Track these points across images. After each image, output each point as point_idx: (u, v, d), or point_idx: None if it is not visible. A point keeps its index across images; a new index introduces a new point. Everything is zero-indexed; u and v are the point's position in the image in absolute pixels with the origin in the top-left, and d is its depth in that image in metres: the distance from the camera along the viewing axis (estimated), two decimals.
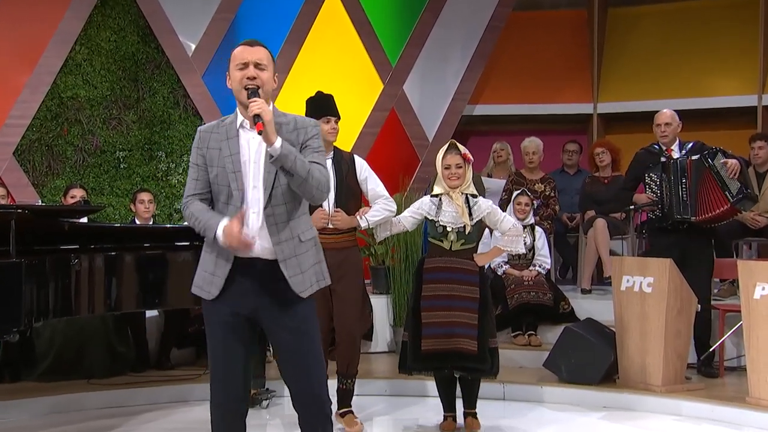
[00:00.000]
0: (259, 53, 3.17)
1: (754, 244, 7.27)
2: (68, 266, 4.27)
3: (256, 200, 3.16)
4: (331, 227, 4.70)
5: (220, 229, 3.10)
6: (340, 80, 7.94)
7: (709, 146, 5.76)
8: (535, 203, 6.83)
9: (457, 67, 8.76)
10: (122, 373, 5.96)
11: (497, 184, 7.69)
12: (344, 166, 4.77)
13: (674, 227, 5.74)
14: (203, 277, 3.24)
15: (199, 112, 7.86)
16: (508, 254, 6.52)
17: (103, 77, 7.66)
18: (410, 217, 4.82)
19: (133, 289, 4.62)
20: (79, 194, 6.35)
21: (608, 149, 7.55)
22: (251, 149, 3.18)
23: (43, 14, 7.47)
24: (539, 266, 6.58)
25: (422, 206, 4.79)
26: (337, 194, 4.70)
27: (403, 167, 8.13)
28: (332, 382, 3.93)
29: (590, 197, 7.48)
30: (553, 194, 7.45)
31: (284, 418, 5.36)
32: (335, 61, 8.24)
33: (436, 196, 4.74)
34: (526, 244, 5.75)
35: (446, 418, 4.91)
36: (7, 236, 4.07)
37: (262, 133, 3.00)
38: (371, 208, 4.78)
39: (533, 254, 6.60)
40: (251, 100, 3.06)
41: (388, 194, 4.83)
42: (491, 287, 5.17)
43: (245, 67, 3.14)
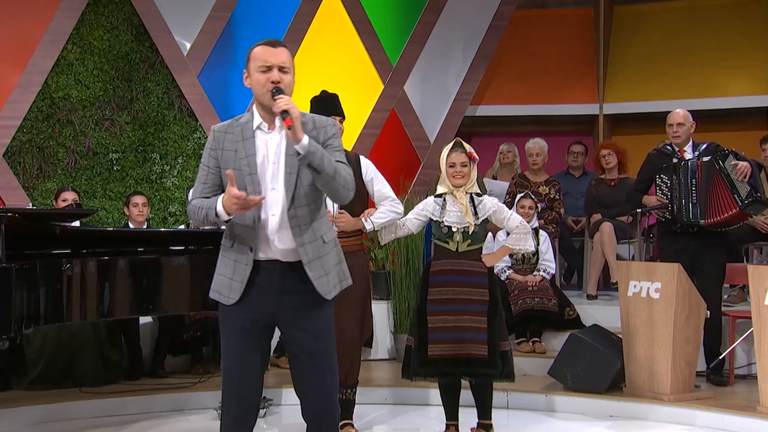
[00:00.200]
0: (281, 56, 3.18)
1: (765, 248, 7.26)
2: (59, 271, 4.26)
3: (274, 202, 3.18)
4: (335, 230, 4.68)
5: (219, 204, 3.11)
6: (339, 80, 7.94)
7: (723, 147, 5.75)
8: (539, 206, 6.83)
9: (459, 66, 8.75)
10: (115, 381, 5.95)
11: (501, 186, 7.68)
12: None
13: (684, 231, 5.74)
14: (221, 281, 3.25)
15: (194, 112, 7.85)
16: (511, 258, 6.54)
17: (95, 77, 7.66)
18: (415, 219, 4.81)
19: (126, 294, 4.61)
20: (71, 197, 6.34)
21: (614, 151, 7.54)
22: (269, 150, 3.20)
23: (34, 12, 7.47)
24: (543, 271, 6.57)
25: (426, 207, 4.78)
26: None
27: (403, 169, 8.13)
28: None
29: (596, 200, 7.48)
30: (557, 197, 7.45)
31: (282, 427, 5.35)
32: (334, 60, 8.24)
33: (439, 196, 4.74)
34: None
35: (449, 426, 4.89)
36: None
37: (291, 128, 3.01)
38: (377, 210, 4.76)
39: (537, 259, 6.60)
40: (278, 96, 3.08)
41: (394, 195, 4.80)
42: None
43: (268, 70, 3.16)
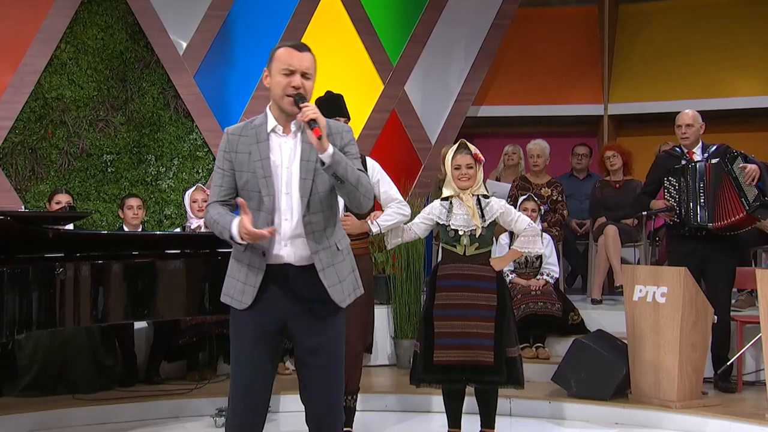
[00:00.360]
0: (306, 61, 3.19)
1: None
2: (53, 275, 4.26)
3: (288, 207, 3.20)
4: (347, 238, 4.66)
5: (234, 228, 3.14)
6: (338, 80, 7.92)
7: (733, 149, 5.74)
8: (542, 209, 6.82)
9: (461, 66, 8.76)
10: (109, 387, 5.94)
11: (504, 188, 7.67)
12: None
13: (693, 234, 5.73)
14: (233, 285, 3.26)
15: (190, 113, 7.85)
16: (514, 262, 6.54)
17: (89, 77, 7.66)
18: (421, 223, 4.82)
19: (120, 299, 4.60)
20: (64, 200, 6.33)
21: (619, 152, 7.53)
22: (283, 154, 3.21)
23: (26, 11, 7.47)
24: (547, 275, 6.56)
25: (432, 210, 4.79)
26: None
27: (404, 171, 8.13)
28: None
29: (601, 203, 7.47)
30: (560, 198, 7.44)
31: None
32: (333, 60, 8.23)
33: (446, 199, 4.75)
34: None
35: None
36: None
37: (321, 138, 3.03)
38: (383, 212, 4.75)
39: (541, 263, 6.59)
40: (304, 104, 3.09)
41: (401, 198, 4.79)
42: None
43: (291, 74, 3.16)
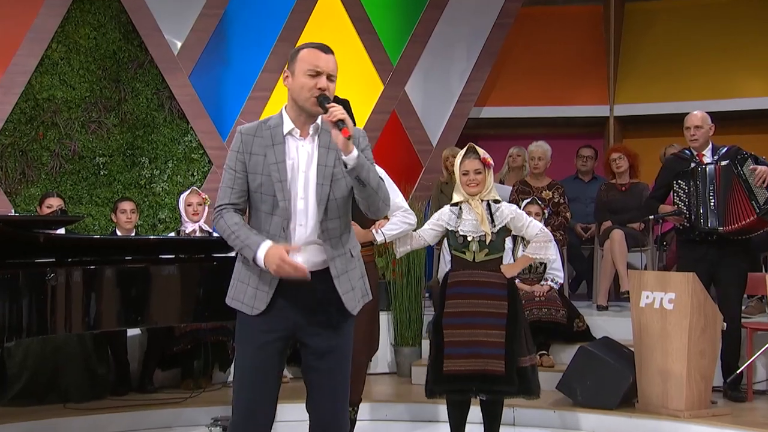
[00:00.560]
0: (332, 63, 3.25)
1: None
2: (43, 281, 4.24)
3: (302, 212, 3.20)
4: (359, 244, 4.66)
5: (262, 251, 3.10)
6: (337, 81, 7.91)
7: (743, 151, 5.73)
8: (546, 212, 6.81)
9: (462, 66, 8.76)
10: (101, 396, 5.93)
11: (506, 191, 7.66)
12: None
13: (703, 239, 5.73)
14: (243, 290, 3.23)
15: (185, 114, 7.86)
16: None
17: (81, 77, 7.66)
18: (430, 229, 4.83)
19: (113, 305, 4.58)
20: (55, 203, 6.33)
21: (625, 154, 7.53)
22: (300, 158, 3.21)
23: (16, 9, 7.48)
24: (551, 280, 6.55)
25: (442, 217, 4.80)
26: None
27: (404, 174, 8.13)
28: None
29: (606, 206, 7.46)
30: (562, 200, 7.42)
31: None
32: None
33: (456, 204, 4.76)
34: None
35: None
36: None
37: (350, 138, 3.04)
38: (388, 220, 4.75)
39: (545, 268, 6.59)
40: (330, 105, 3.11)
41: (407, 206, 4.79)
42: None
43: (317, 75, 3.21)
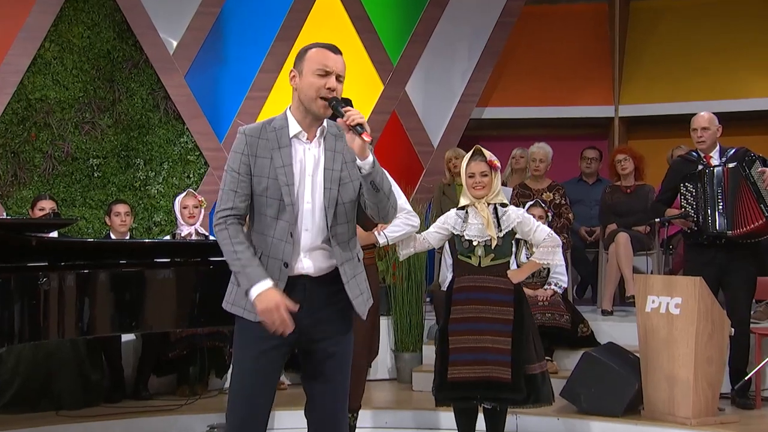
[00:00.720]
0: (340, 63, 3.23)
1: None
2: (36, 285, 4.23)
3: (309, 217, 3.19)
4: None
5: (260, 287, 3.08)
6: None
7: (752, 152, 5.73)
8: (549, 215, 6.80)
9: (464, 66, 8.76)
10: (95, 403, 5.92)
11: (507, 193, 7.66)
12: None
13: (711, 243, 5.72)
14: (244, 295, 3.18)
15: (181, 115, 7.85)
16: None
17: (75, 77, 7.66)
18: (436, 233, 4.83)
19: (107, 310, 4.58)
20: (48, 206, 6.32)
21: (630, 156, 7.52)
22: (306, 162, 3.21)
23: (8, 7, 7.48)
24: (555, 285, 6.54)
25: (448, 220, 4.80)
26: None
27: (405, 175, 8.11)
28: None
29: (611, 208, 7.45)
30: (563, 201, 7.42)
31: None
32: None
33: (462, 208, 4.76)
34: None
35: None
36: None
37: (372, 143, 3.06)
38: (390, 222, 4.74)
39: (548, 272, 6.58)
40: (346, 108, 3.09)
41: (410, 208, 4.79)
42: None
43: (326, 75, 3.19)
